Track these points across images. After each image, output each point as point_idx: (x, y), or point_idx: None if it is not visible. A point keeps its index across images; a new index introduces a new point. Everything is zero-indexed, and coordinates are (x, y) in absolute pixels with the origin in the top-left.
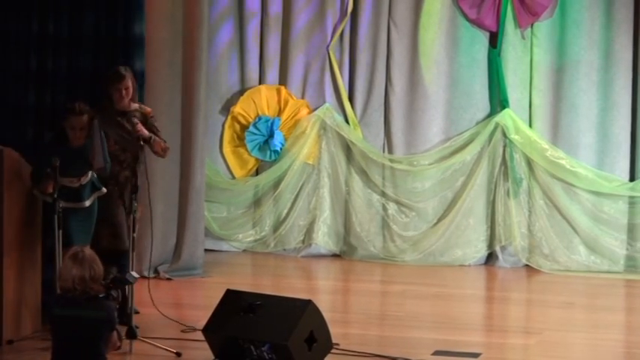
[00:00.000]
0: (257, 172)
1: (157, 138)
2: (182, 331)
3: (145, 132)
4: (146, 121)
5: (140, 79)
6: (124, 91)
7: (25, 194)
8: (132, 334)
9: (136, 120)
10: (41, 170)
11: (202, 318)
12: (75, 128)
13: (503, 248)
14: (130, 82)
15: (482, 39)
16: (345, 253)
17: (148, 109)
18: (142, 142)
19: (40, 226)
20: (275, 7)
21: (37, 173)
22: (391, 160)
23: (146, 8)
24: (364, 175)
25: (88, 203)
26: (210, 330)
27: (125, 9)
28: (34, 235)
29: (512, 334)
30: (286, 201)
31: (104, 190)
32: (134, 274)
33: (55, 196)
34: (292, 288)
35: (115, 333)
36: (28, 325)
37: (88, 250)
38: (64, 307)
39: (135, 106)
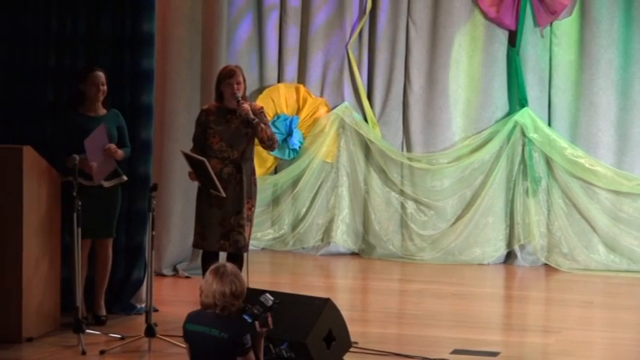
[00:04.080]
0: (276, 171)
1: (262, 125)
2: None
3: (251, 113)
4: (255, 115)
5: (149, 77)
6: (235, 86)
7: (44, 192)
8: (151, 332)
9: (243, 101)
10: (62, 138)
11: None
12: (97, 84)
13: (522, 247)
14: (241, 78)
15: (502, 38)
16: (363, 251)
17: (258, 105)
18: (247, 124)
19: (59, 223)
20: (294, 6)
21: (59, 141)
22: (410, 159)
23: (165, 7)
24: (383, 173)
25: (107, 184)
26: None
27: (135, 7)
28: (53, 233)
29: (531, 332)
30: (305, 199)
31: (124, 177)
32: (269, 296)
33: (74, 193)
34: (311, 286)
35: (248, 357)
36: (46, 323)
37: (229, 265)
38: (193, 323)
39: (246, 102)
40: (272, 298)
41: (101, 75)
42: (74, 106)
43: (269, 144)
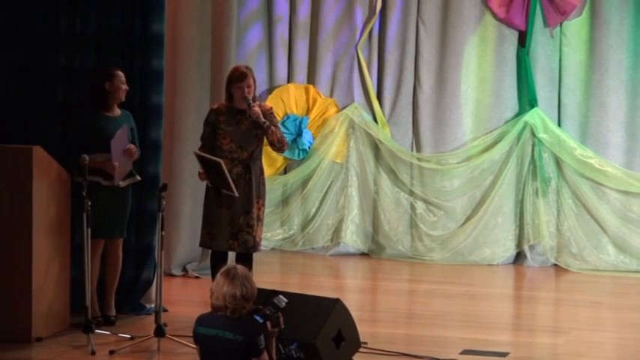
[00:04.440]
0: (285, 171)
1: (273, 128)
2: None
3: (262, 117)
4: (265, 116)
5: (159, 78)
6: (246, 89)
7: (53, 192)
8: (160, 333)
9: (253, 103)
10: (81, 138)
11: None
12: (124, 83)
13: (531, 247)
14: (251, 81)
15: (511, 38)
16: (373, 251)
17: (268, 105)
18: (257, 127)
19: (69, 224)
20: (304, 6)
21: (78, 142)
22: (419, 159)
23: (175, 7)
24: (392, 173)
25: (122, 184)
26: None
27: (145, 8)
28: (63, 233)
29: (540, 333)
30: (314, 200)
31: (138, 177)
32: (282, 297)
33: (84, 193)
34: (320, 286)
35: (262, 358)
36: (56, 323)
37: (240, 267)
38: (205, 326)
39: (256, 102)
40: (285, 300)
41: (123, 75)
42: (97, 106)
43: (279, 147)
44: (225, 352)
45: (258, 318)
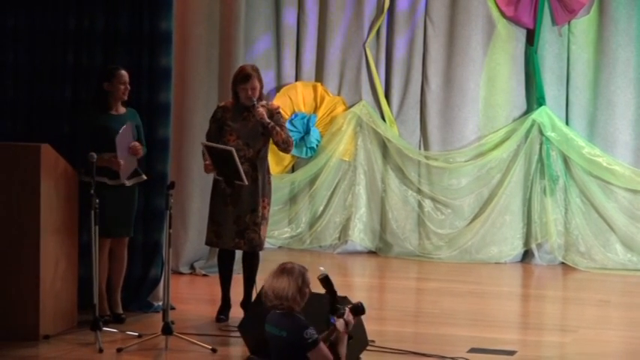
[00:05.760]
0: (293, 169)
1: (277, 128)
2: None
3: (266, 117)
4: (272, 116)
5: (167, 75)
6: (249, 91)
7: (61, 190)
8: (168, 330)
9: (257, 104)
10: (85, 137)
11: (238, 314)
12: (124, 82)
13: (539, 246)
14: (256, 83)
15: (519, 36)
16: (380, 250)
17: (275, 105)
18: (262, 127)
19: (76, 222)
20: (312, 4)
21: (83, 143)
22: (427, 157)
23: (183, 5)
24: (400, 172)
25: (128, 183)
26: (246, 326)
27: (153, 5)
28: (70, 231)
29: (547, 331)
30: (322, 198)
31: (144, 177)
32: (322, 269)
33: (92, 191)
34: None
35: (318, 350)
36: (64, 320)
37: (291, 265)
38: (267, 323)
39: (262, 102)
40: (324, 271)
41: (126, 74)
42: (98, 105)
43: (284, 147)
44: (278, 348)
45: (332, 320)
